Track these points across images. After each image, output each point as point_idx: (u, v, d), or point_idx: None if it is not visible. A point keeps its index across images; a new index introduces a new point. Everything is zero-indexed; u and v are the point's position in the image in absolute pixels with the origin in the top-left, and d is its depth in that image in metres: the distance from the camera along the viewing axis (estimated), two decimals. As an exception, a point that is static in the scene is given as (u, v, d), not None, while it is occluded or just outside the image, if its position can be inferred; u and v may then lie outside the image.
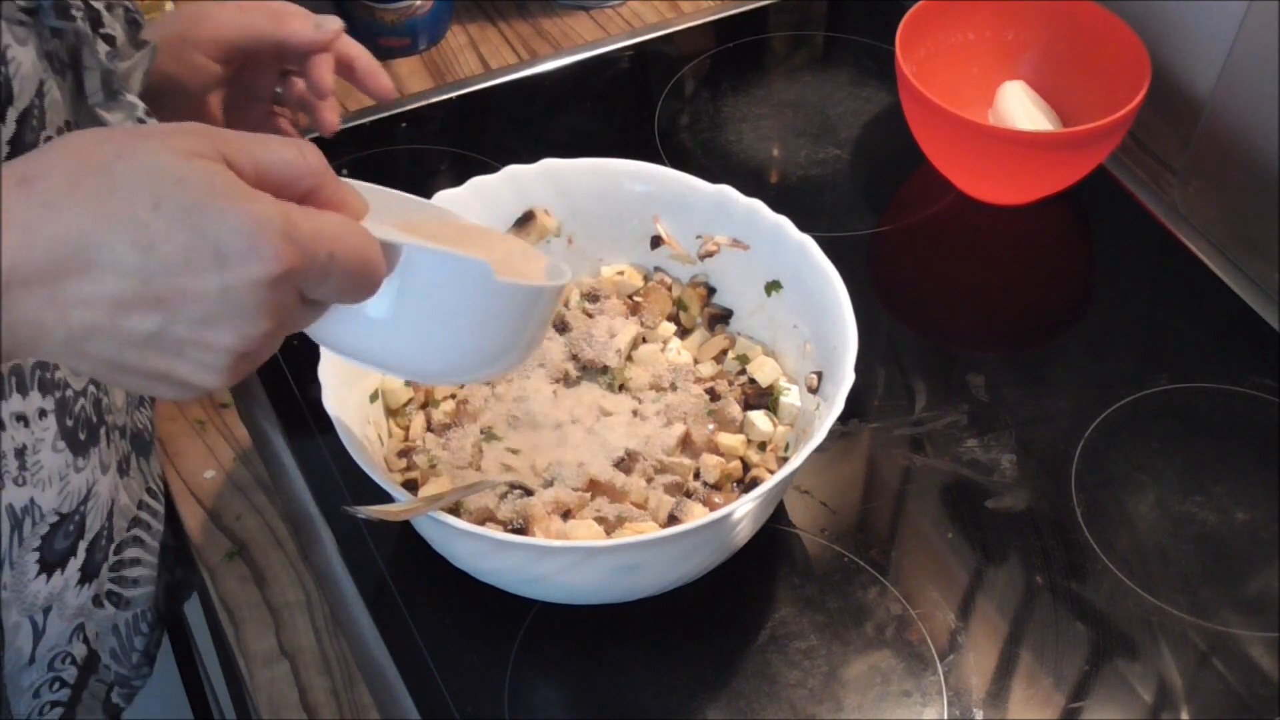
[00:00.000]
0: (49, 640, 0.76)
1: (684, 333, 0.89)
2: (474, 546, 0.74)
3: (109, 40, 0.67)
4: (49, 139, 0.62)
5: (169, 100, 0.80)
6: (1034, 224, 1.04)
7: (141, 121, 0.68)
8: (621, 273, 0.90)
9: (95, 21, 0.66)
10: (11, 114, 0.60)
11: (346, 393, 0.78)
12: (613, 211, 0.89)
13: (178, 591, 0.90)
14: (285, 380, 0.92)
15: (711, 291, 0.90)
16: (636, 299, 0.89)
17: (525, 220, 0.88)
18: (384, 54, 1.18)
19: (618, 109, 1.15)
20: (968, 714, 0.76)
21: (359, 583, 0.82)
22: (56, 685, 0.77)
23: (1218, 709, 0.76)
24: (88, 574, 0.76)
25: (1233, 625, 0.80)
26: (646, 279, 0.90)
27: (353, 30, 1.18)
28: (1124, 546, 0.83)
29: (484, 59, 1.19)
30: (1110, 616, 0.80)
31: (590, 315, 0.88)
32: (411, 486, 0.78)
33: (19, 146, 0.61)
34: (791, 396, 0.83)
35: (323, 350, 0.77)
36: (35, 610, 0.74)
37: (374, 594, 0.81)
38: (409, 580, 0.82)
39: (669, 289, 0.89)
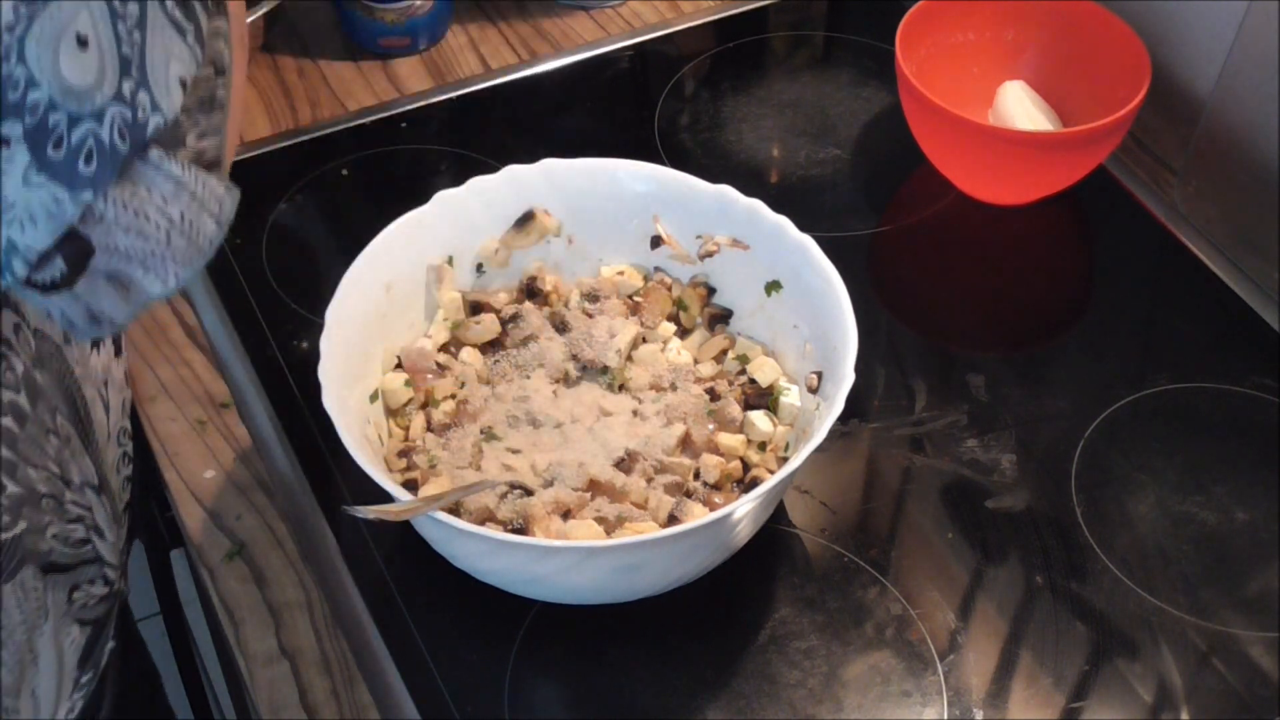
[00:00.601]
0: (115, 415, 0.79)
1: (684, 333, 0.89)
2: (474, 546, 0.74)
3: None
4: None
5: None
6: (1034, 224, 1.04)
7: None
8: (621, 273, 0.90)
9: None
10: None
11: (346, 393, 0.78)
12: (612, 211, 0.89)
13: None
14: (285, 380, 0.92)
15: (711, 291, 0.90)
16: (636, 299, 0.89)
17: (525, 220, 0.88)
18: (384, 54, 1.18)
19: (618, 109, 1.15)
20: (968, 714, 0.76)
21: (359, 583, 0.82)
22: (126, 460, 0.81)
23: (1218, 709, 0.76)
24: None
25: (1233, 625, 0.80)
26: (646, 279, 0.90)
27: (353, 30, 1.19)
28: (1124, 546, 0.83)
29: (484, 59, 1.19)
30: (1110, 616, 0.80)
31: (590, 315, 0.88)
32: (412, 486, 0.78)
33: None
34: (791, 396, 0.83)
35: (323, 350, 0.77)
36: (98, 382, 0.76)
37: (374, 594, 0.81)
38: (409, 580, 0.82)
39: (669, 289, 0.89)
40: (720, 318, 0.89)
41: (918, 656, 0.78)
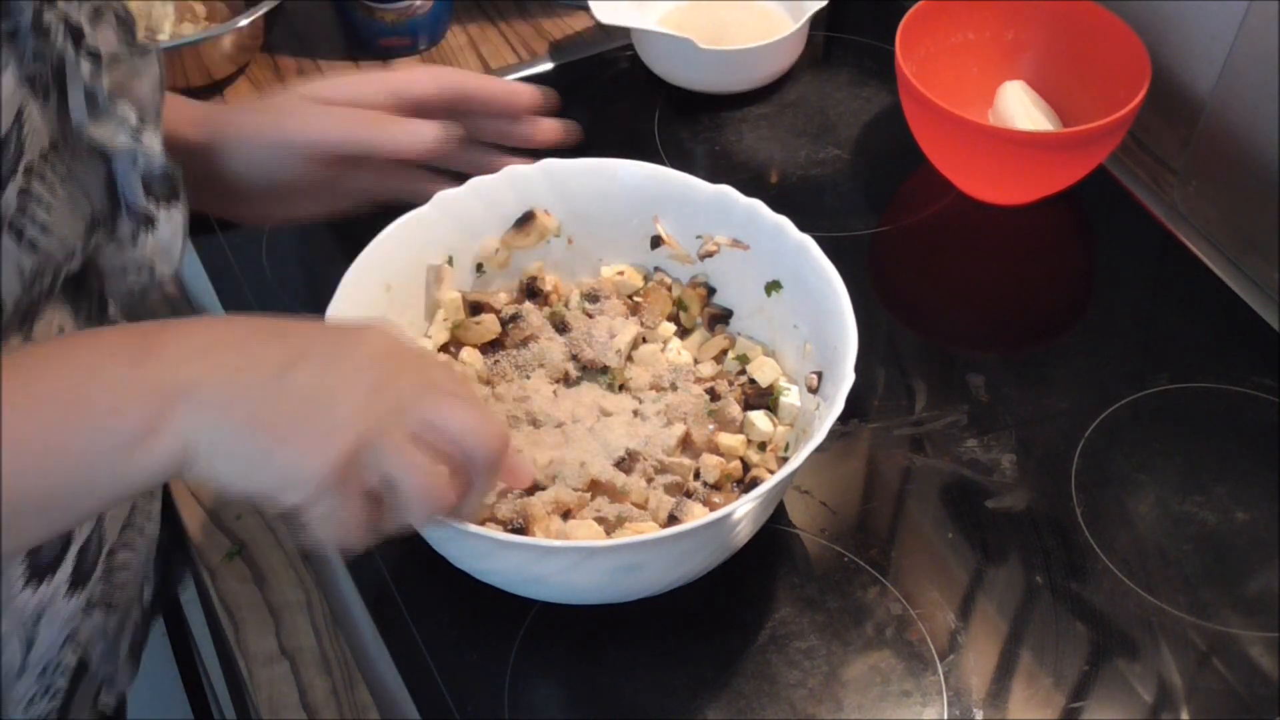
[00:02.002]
0: (40, 650, 0.74)
1: (684, 333, 0.89)
2: (474, 547, 0.74)
3: (94, 56, 0.65)
4: (28, 167, 0.61)
5: (259, 191, 0.83)
6: (1034, 224, 1.04)
7: (135, 135, 0.67)
8: (621, 273, 0.90)
9: (77, 38, 0.64)
10: None
11: None
12: (612, 211, 0.89)
13: (168, 587, 0.90)
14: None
15: (711, 291, 0.90)
16: (636, 299, 0.89)
17: (525, 220, 0.88)
18: (384, 54, 1.18)
19: (618, 109, 1.15)
20: (968, 714, 0.76)
21: (359, 583, 0.82)
22: (49, 694, 0.77)
23: (1218, 709, 0.76)
24: (77, 581, 0.75)
25: (1233, 625, 0.80)
26: (646, 279, 0.90)
27: (353, 30, 1.19)
28: (1124, 546, 0.83)
29: (484, 59, 1.19)
30: (1110, 616, 0.80)
31: (590, 315, 0.88)
32: None
33: None
34: (791, 396, 0.83)
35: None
36: (25, 620, 0.73)
37: (374, 594, 0.81)
38: (409, 580, 0.82)
39: (669, 289, 0.89)
40: (720, 318, 0.89)
41: (918, 656, 0.78)
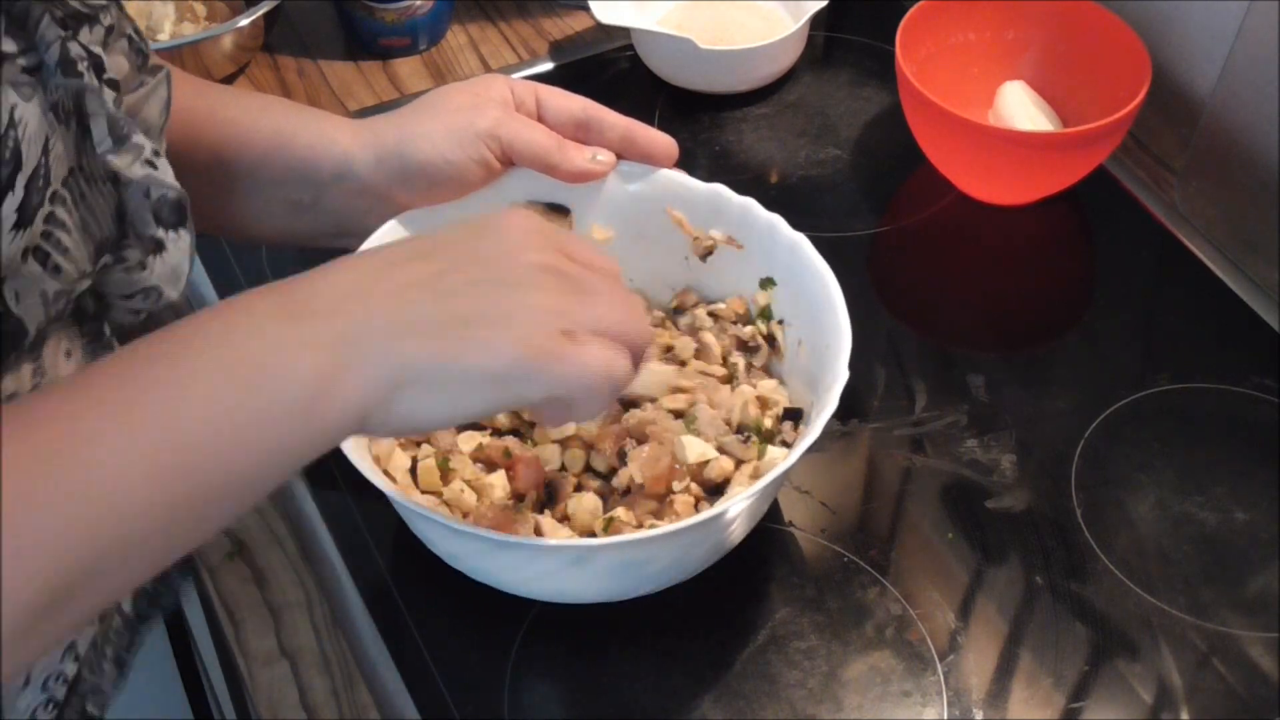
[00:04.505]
0: (44, 662, 0.75)
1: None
2: (463, 545, 0.74)
3: (113, 85, 0.65)
4: (53, 195, 0.61)
5: (441, 179, 0.82)
6: (1034, 224, 1.04)
7: (150, 163, 0.66)
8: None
9: (99, 68, 0.64)
10: (20, 179, 0.58)
11: None
12: (607, 211, 0.88)
13: (162, 595, 0.90)
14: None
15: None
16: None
17: (554, 210, 0.88)
18: (384, 54, 1.18)
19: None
20: (968, 714, 0.76)
21: (359, 583, 0.82)
22: (50, 705, 0.77)
23: (1218, 709, 0.76)
24: None
25: (1233, 625, 0.80)
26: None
27: (353, 30, 1.19)
28: (1124, 546, 0.83)
29: (484, 59, 1.19)
30: (1110, 616, 0.80)
31: None
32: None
33: (26, 210, 0.59)
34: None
35: None
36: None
37: (374, 594, 0.81)
38: (409, 580, 0.82)
39: (662, 325, 0.89)
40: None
41: (918, 656, 0.78)
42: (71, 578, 0.52)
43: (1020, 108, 1.04)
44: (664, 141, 0.86)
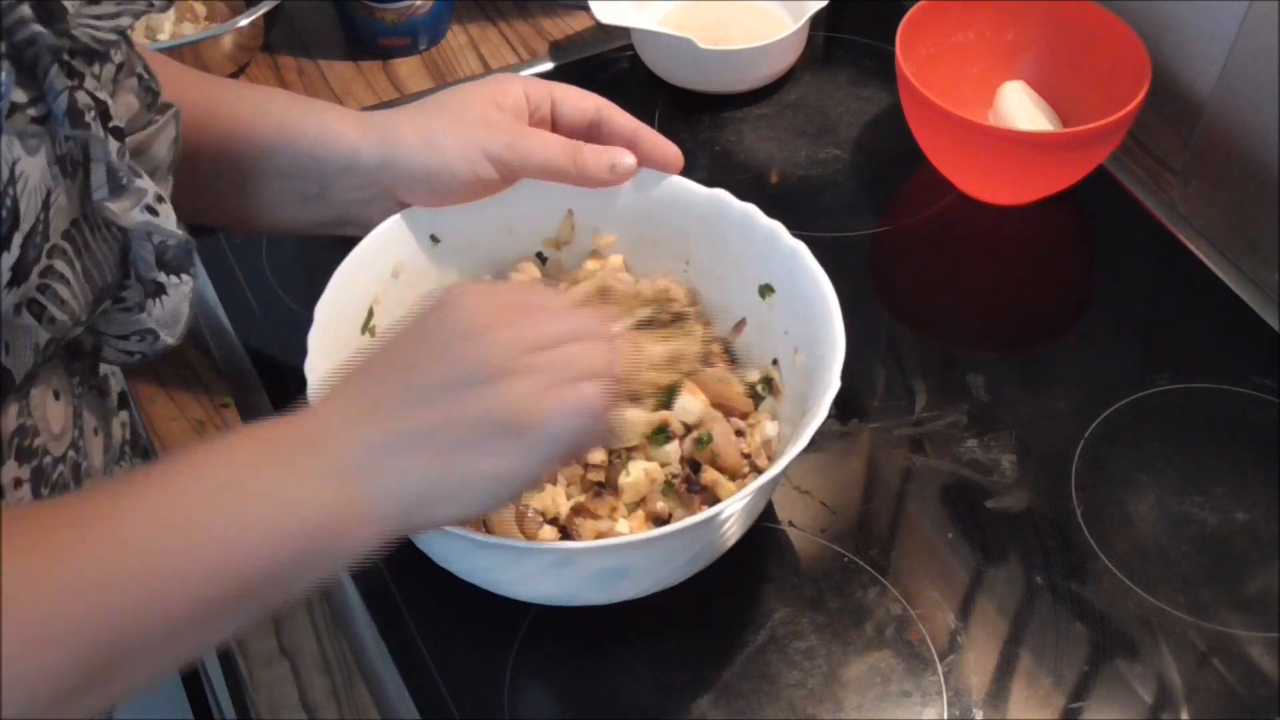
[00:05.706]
0: None
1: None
2: (450, 545, 0.74)
3: (117, 134, 0.64)
4: (52, 249, 0.61)
5: (445, 190, 0.83)
6: (1034, 224, 1.04)
7: (151, 209, 0.65)
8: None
9: (104, 115, 0.63)
10: (17, 238, 0.58)
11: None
12: (609, 215, 0.88)
13: None
14: (284, 380, 0.92)
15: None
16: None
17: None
18: (384, 54, 1.18)
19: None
20: (968, 714, 0.76)
21: (359, 583, 0.82)
22: None
23: (1218, 709, 0.76)
24: None
25: (1233, 625, 0.80)
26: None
27: (353, 30, 1.19)
28: (1124, 546, 0.83)
29: (484, 59, 1.19)
30: (1110, 616, 0.80)
31: None
32: None
33: (22, 268, 0.59)
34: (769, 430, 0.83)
35: (310, 344, 0.76)
36: None
37: (374, 594, 0.81)
38: (409, 580, 0.82)
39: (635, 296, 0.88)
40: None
41: (918, 656, 0.78)
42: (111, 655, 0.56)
43: (1020, 108, 1.04)
44: (671, 153, 0.85)
